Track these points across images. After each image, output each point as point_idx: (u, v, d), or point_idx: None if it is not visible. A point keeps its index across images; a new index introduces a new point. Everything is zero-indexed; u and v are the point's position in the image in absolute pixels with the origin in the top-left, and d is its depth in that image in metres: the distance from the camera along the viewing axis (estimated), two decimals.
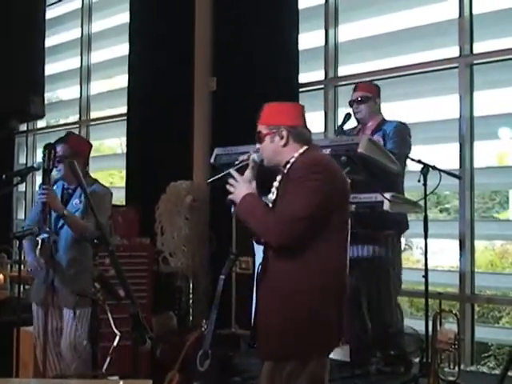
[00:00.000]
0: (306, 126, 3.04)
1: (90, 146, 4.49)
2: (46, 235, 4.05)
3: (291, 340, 2.77)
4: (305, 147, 2.97)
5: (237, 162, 3.15)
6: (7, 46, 7.03)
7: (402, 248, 4.88)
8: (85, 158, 4.23)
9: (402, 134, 4.56)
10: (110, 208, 4.33)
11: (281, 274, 2.83)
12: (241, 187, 2.93)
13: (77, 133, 7.23)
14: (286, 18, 5.86)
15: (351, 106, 4.73)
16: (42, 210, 3.96)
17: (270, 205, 2.95)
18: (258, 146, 3.05)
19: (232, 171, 3.01)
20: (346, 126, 4.74)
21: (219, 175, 3.11)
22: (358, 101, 4.67)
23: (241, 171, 3.04)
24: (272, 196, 3.00)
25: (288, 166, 2.94)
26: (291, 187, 2.83)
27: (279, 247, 2.82)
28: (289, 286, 2.79)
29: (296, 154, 2.94)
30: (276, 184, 3.01)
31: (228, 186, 2.97)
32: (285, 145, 2.96)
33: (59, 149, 4.13)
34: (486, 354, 6.14)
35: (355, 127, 4.76)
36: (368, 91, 4.70)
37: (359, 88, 4.76)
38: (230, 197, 2.96)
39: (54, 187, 4.23)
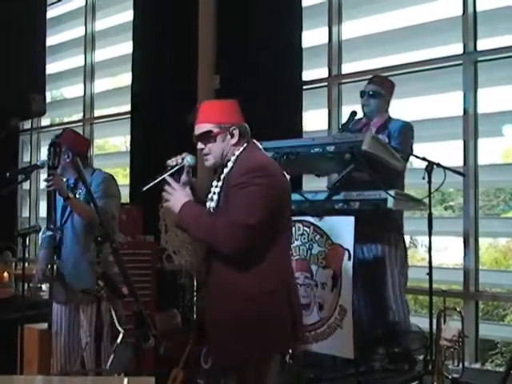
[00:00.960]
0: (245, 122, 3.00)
1: (87, 142, 4.48)
2: (50, 233, 4.06)
3: (250, 345, 2.78)
4: (244, 145, 2.94)
5: (170, 166, 3.02)
6: (8, 43, 7.05)
7: (407, 245, 4.87)
8: (81, 153, 4.21)
9: (406, 136, 4.54)
10: (117, 193, 4.29)
11: (230, 282, 2.83)
12: (178, 195, 2.90)
13: (80, 131, 7.24)
14: (289, 15, 5.85)
15: (362, 96, 4.69)
16: (47, 203, 3.95)
17: (213, 205, 2.94)
18: (201, 146, 2.99)
19: (167, 178, 2.95)
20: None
21: (153, 182, 2.97)
22: (369, 94, 4.64)
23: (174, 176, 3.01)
24: (212, 203, 2.97)
25: (226, 170, 2.93)
26: (235, 192, 2.78)
27: (232, 255, 2.78)
28: (239, 293, 2.80)
29: (236, 153, 2.92)
30: (216, 189, 2.98)
31: (164, 194, 2.94)
32: (236, 143, 2.93)
33: None
34: (492, 352, 6.14)
35: (360, 119, 4.71)
36: (382, 87, 4.65)
37: (375, 82, 4.70)
38: (167, 204, 2.93)
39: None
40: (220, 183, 2.95)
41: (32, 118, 8.73)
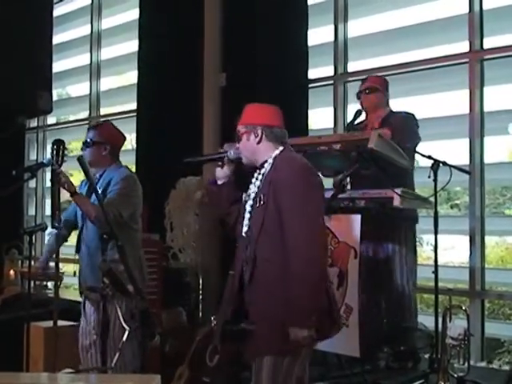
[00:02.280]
0: (281, 127, 3.18)
1: (124, 138, 4.46)
2: (55, 230, 4.06)
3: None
4: (280, 148, 3.12)
5: (218, 152, 3.41)
6: (14, 41, 7.05)
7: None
8: (114, 147, 4.21)
9: (411, 126, 4.55)
10: (134, 193, 4.20)
11: (278, 275, 2.95)
12: None
13: (86, 129, 7.24)
14: (295, 13, 5.84)
15: (359, 97, 4.73)
16: (51, 201, 3.94)
17: (250, 202, 3.10)
18: (237, 145, 3.24)
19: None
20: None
21: (196, 159, 3.62)
22: (366, 92, 4.68)
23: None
24: (249, 200, 3.12)
25: (267, 166, 3.09)
26: (285, 196, 2.95)
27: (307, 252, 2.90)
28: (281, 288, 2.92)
29: (273, 154, 3.10)
30: (254, 188, 3.13)
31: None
32: (258, 142, 3.12)
33: (90, 133, 4.20)
34: (499, 351, 6.13)
35: (362, 121, 4.74)
36: (376, 83, 4.71)
37: (368, 80, 4.78)
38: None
39: (83, 183, 4.24)
40: (259, 182, 3.11)
41: (38, 116, 8.75)
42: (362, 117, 4.73)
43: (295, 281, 2.85)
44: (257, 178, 3.14)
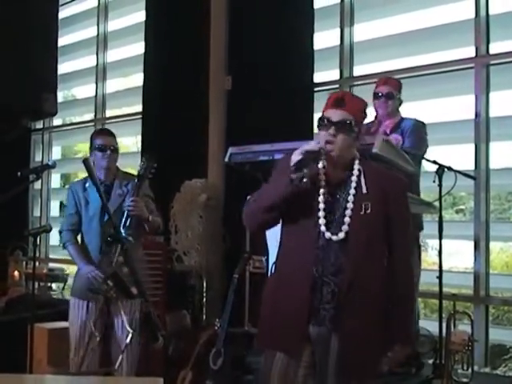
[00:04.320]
0: None
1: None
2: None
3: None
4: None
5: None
6: (20, 44, 7.07)
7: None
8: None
9: (420, 133, 4.54)
10: None
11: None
12: None
13: (91, 131, 7.26)
14: (301, 17, 5.85)
15: (377, 98, 4.64)
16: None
17: (350, 205, 2.70)
18: (332, 132, 2.67)
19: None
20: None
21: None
22: (386, 96, 4.61)
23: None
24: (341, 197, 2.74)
25: (356, 167, 2.75)
26: (402, 208, 2.81)
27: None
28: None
29: (357, 161, 2.77)
30: (353, 185, 2.73)
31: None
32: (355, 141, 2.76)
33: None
34: (505, 357, 6.11)
35: (372, 122, 4.69)
36: (395, 88, 4.65)
37: (388, 83, 4.67)
38: None
39: (87, 184, 4.25)
40: (352, 190, 2.72)
41: (44, 119, 8.76)
42: (370, 118, 4.68)
43: (404, 298, 2.77)
44: (348, 182, 2.74)
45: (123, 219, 3.89)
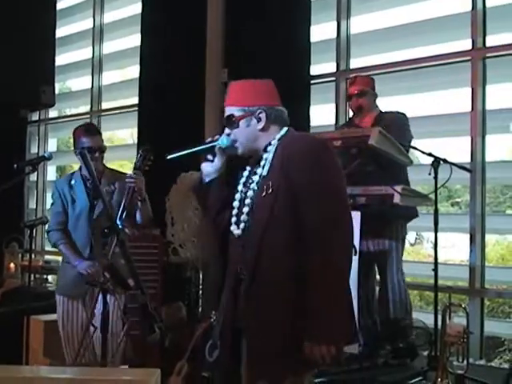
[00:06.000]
0: (281, 105, 2.72)
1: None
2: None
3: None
4: (285, 129, 2.67)
5: (206, 142, 2.80)
6: (18, 36, 7.06)
7: (413, 241, 4.87)
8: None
9: (401, 125, 4.55)
10: None
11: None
12: None
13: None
14: (297, 9, 5.84)
15: (349, 99, 4.75)
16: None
17: (251, 193, 2.62)
18: (227, 131, 2.70)
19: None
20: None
21: (180, 153, 2.76)
22: (357, 94, 4.68)
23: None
24: (249, 191, 2.65)
25: (271, 149, 2.60)
26: (303, 171, 2.46)
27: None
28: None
29: (277, 136, 2.62)
30: (255, 177, 2.63)
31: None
32: (263, 128, 2.63)
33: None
34: (500, 349, 6.14)
35: (350, 120, 4.75)
36: (366, 85, 4.72)
37: (356, 82, 4.76)
38: None
39: (73, 182, 4.24)
40: (262, 170, 2.60)
41: (40, 110, 8.76)
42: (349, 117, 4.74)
43: (324, 278, 2.38)
44: (257, 167, 2.63)
45: (119, 212, 3.89)
